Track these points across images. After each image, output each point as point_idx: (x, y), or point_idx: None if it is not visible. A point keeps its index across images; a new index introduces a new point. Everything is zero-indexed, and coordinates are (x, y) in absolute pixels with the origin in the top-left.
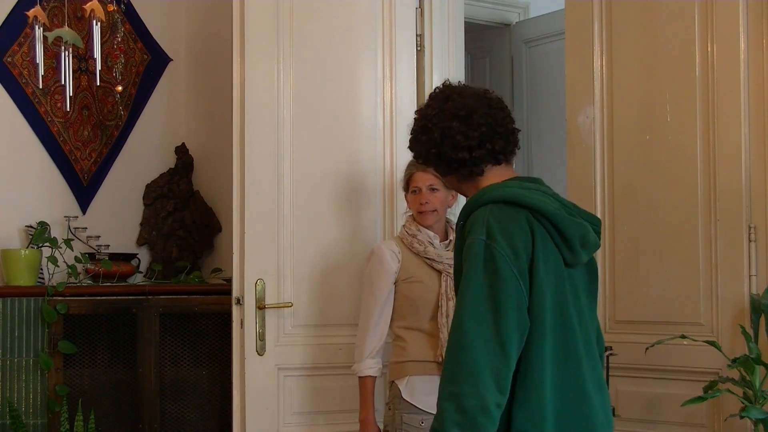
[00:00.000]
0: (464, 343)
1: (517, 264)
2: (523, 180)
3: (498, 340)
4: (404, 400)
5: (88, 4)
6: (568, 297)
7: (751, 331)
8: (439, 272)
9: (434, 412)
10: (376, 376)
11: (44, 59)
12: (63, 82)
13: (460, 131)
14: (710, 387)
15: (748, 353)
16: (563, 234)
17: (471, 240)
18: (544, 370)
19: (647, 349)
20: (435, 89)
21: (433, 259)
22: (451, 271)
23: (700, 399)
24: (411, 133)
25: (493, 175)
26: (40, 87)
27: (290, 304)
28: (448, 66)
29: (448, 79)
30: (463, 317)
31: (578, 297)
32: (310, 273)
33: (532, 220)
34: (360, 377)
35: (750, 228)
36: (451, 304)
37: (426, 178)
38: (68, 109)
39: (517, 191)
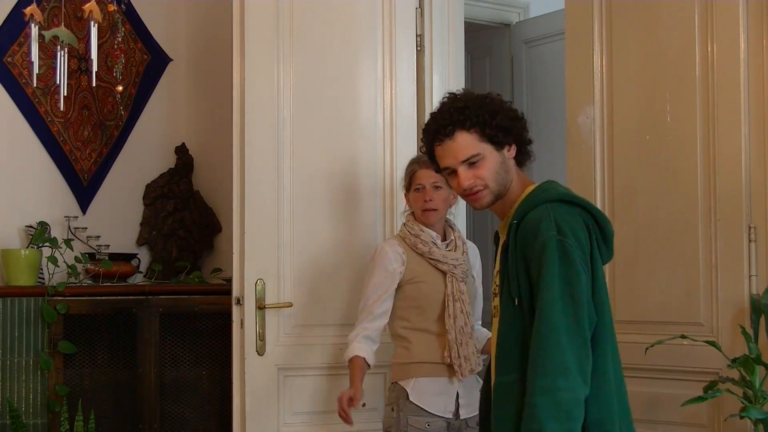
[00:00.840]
0: (552, 337)
1: (584, 259)
2: (553, 182)
3: (580, 333)
4: (411, 402)
5: (86, 5)
6: (606, 293)
7: (751, 331)
8: (443, 273)
9: (440, 414)
10: (363, 357)
11: (45, 59)
12: (58, 82)
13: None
14: (710, 387)
15: (748, 353)
16: (605, 233)
17: (543, 237)
18: (608, 361)
19: (647, 349)
20: (455, 93)
21: (438, 260)
22: (456, 271)
23: (700, 399)
24: (506, 112)
25: (522, 177)
26: (35, 85)
27: (290, 304)
28: (448, 66)
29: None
30: (548, 311)
31: None
32: (310, 273)
33: (586, 217)
34: (348, 360)
35: (750, 228)
36: (458, 305)
37: (430, 176)
38: (63, 109)
39: (569, 192)
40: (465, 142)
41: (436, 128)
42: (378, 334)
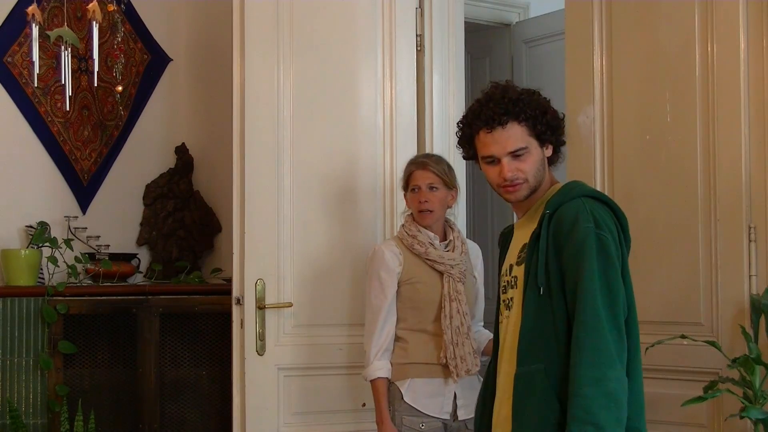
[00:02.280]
0: (599, 328)
1: (617, 254)
2: (580, 181)
3: (617, 325)
4: (405, 402)
5: (90, 5)
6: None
7: (751, 331)
8: (441, 273)
9: (435, 415)
10: (386, 377)
11: (44, 59)
12: (63, 82)
13: None
14: (710, 387)
15: (748, 353)
16: (626, 234)
17: (582, 229)
18: (638, 356)
19: (647, 349)
20: (502, 84)
21: (435, 261)
22: (453, 272)
23: (700, 399)
24: (552, 111)
25: (550, 175)
26: (36, 85)
27: (290, 304)
28: (448, 66)
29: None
30: (592, 302)
31: None
32: (310, 273)
33: (613, 216)
34: (371, 381)
35: (750, 228)
36: (454, 305)
37: (426, 177)
38: (68, 109)
39: (596, 190)
40: (516, 134)
41: (490, 115)
42: (392, 340)
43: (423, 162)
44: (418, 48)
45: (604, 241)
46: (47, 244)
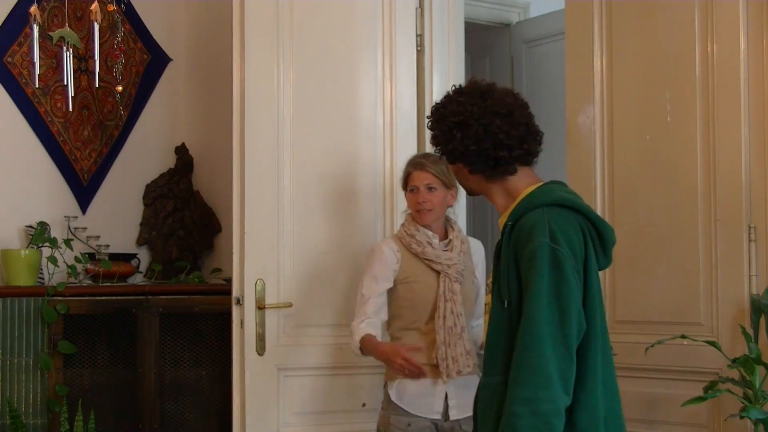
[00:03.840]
0: (537, 347)
1: (576, 267)
2: (558, 183)
3: (564, 342)
4: (393, 402)
5: (92, 6)
6: (600, 299)
7: (751, 331)
8: (438, 273)
9: (424, 415)
10: (372, 333)
11: (44, 59)
12: (65, 83)
13: (502, 129)
14: (710, 387)
15: (748, 353)
16: (603, 239)
17: (535, 243)
18: (598, 371)
19: (647, 349)
20: (461, 86)
21: (431, 260)
22: (450, 271)
23: (700, 399)
24: (439, 129)
25: (522, 176)
26: (37, 86)
27: (290, 304)
28: (448, 66)
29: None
30: (533, 320)
31: None
32: (310, 273)
33: (583, 223)
34: (359, 343)
35: (750, 228)
36: (449, 305)
37: (424, 177)
38: (71, 109)
39: (568, 195)
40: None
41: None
42: (378, 326)
43: (420, 162)
44: (418, 48)
45: (558, 256)
46: (47, 244)
